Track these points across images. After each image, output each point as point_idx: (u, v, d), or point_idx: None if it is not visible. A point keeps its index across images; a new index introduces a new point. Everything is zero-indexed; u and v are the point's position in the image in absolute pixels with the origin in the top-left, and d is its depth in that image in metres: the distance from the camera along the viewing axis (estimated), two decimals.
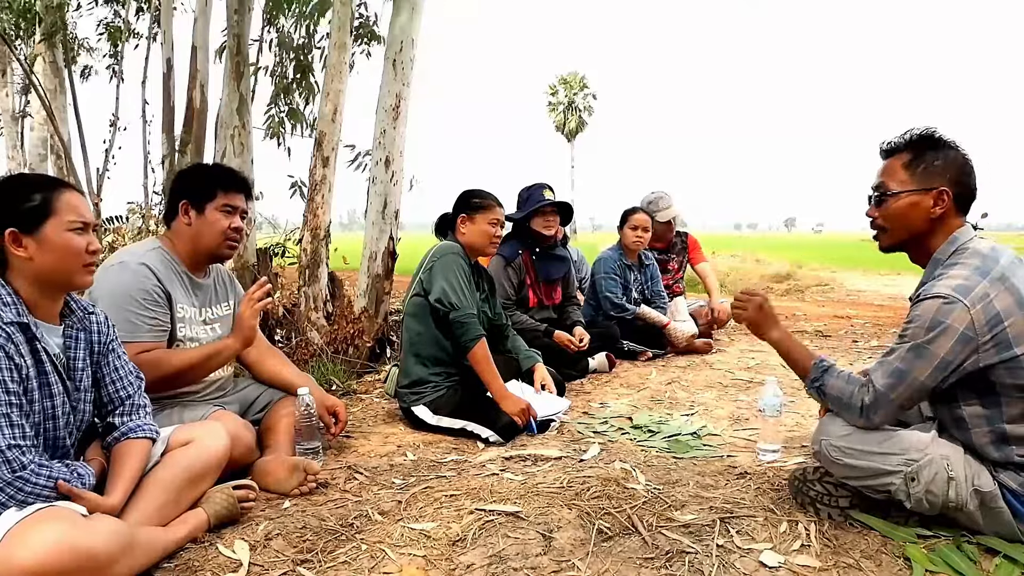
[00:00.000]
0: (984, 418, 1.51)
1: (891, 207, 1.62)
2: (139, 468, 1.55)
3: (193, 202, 2.01)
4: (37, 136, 7.83)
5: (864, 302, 7.83)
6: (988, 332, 1.44)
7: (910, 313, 1.54)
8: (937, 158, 1.58)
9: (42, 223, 1.42)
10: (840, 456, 1.59)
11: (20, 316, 1.39)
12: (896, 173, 1.62)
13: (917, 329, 1.49)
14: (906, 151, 1.62)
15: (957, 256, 1.55)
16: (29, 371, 1.38)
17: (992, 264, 1.49)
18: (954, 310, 1.44)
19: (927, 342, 1.47)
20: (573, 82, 44.41)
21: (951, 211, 1.57)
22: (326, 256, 4.05)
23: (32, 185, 1.46)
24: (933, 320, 1.46)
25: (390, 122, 3.88)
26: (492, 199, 2.74)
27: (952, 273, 1.50)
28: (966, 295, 1.44)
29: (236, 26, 4.29)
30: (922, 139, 1.61)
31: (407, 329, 2.67)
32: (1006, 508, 1.48)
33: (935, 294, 1.48)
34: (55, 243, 1.43)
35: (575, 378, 3.48)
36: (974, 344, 1.44)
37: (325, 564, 1.51)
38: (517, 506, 1.78)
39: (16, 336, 1.36)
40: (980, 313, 1.43)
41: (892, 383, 1.52)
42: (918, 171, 1.59)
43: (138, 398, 1.64)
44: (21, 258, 1.41)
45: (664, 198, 4.56)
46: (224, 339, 2.04)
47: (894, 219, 1.63)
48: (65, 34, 6.63)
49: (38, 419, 1.41)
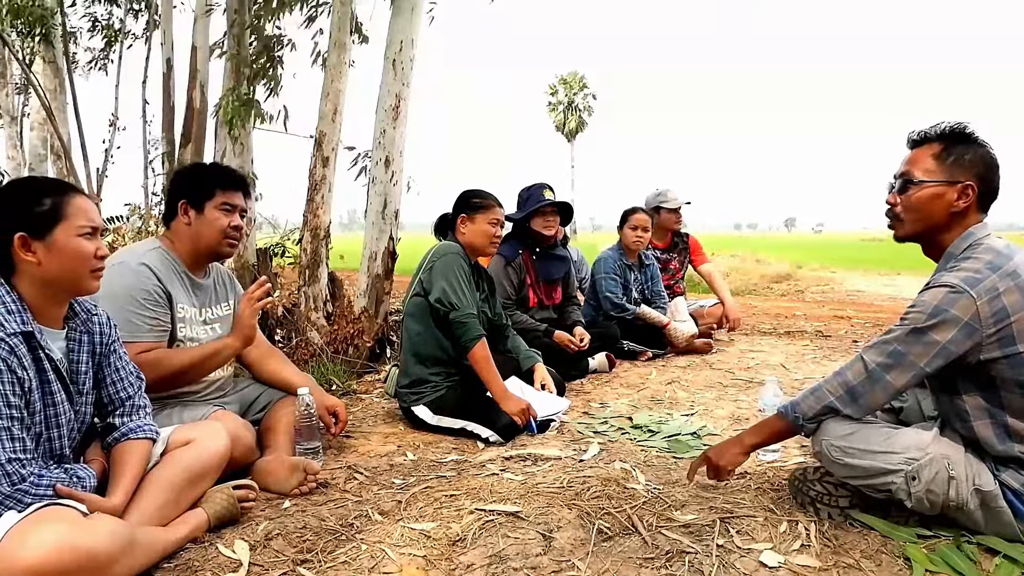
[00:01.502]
0: (985, 410, 1.51)
1: (913, 196, 1.60)
2: (140, 468, 1.55)
3: (192, 201, 2.01)
4: (37, 136, 7.83)
5: (864, 302, 7.83)
6: (993, 326, 1.43)
7: (915, 298, 1.54)
8: (967, 152, 1.56)
9: (52, 228, 1.41)
10: (841, 456, 1.59)
11: (25, 324, 1.38)
12: (923, 162, 1.60)
13: (919, 314, 1.49)
14: (937, 142, 1.60)
15: (971, 251, 1.54)
16: (32, 383, 1.37)
17: (1005, 260, 1.48)
18: (960, 300, 1.44)
19: (928, 327, 1.47)
20: (573, 82, 44.38)
21: (972, 207, 1.57)
22: (326, 256, 4.05)
23: (42, 189, 1.44)
24: (937, 307, 1.46)
25: (390, 122, 3.89)
26: (492, 199, 2.74)
27: (964, 265, 1.50)
28: (974, 286, 1.44)
29: (236, 26, 4.30)
30: (954, 133, 1.60)
31: (407, 329, 2.67)
32: (1007, 508, 1.48)
33: (943, 283, 1.48)
34: (65, 248, 1.42)
35: (575, 378, 3.48)
36: (978, 336, 1.44)
37: (325, 564, 1.51)
38: (517, 506, 1.78)
39: (19, 348, 1.35)
40: (986, 306, 1.43)
41: (889, 363, 1.52)
42: (947, 163, 1.57)
43: (138, 399, 1.64)
44: (29, 263, 1.40)
45: (672, 190, 4.62)
46: (224, 338, 2.04)
47: (915, 209, 1.61)
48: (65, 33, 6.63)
49: (40, 428, 1.41)
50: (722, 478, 1.80)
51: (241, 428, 1.96)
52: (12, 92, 8.15)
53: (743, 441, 1.75)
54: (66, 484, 1.38)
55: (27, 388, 1.36)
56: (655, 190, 4.66)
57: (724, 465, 1.76)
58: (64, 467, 1.43)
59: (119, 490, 1.48)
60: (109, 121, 6.22)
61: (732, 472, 1.78)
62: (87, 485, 1.43)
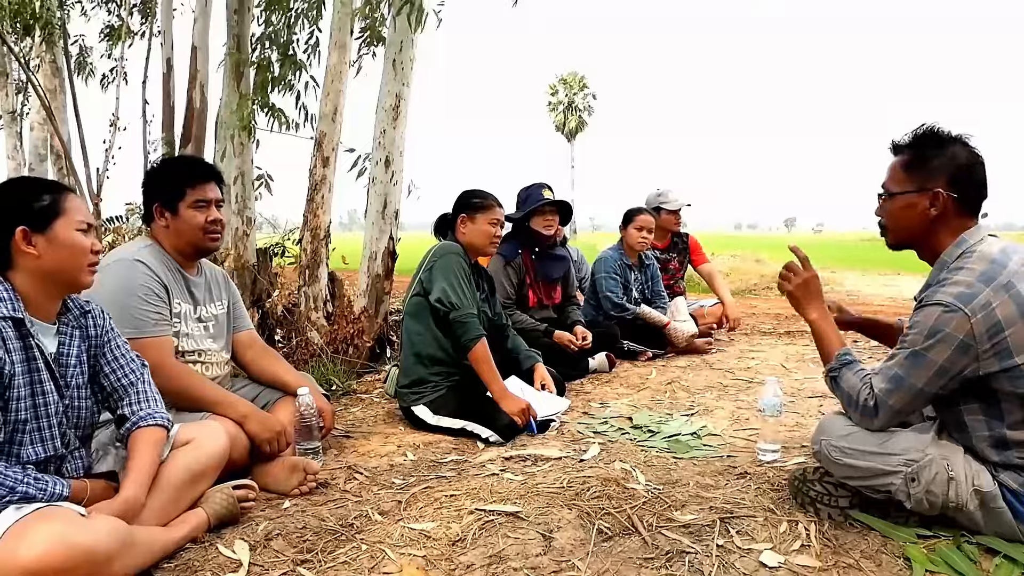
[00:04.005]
0: (984, 423, 1.50)
1: (889, 208, 1.63)
2: (151, 457, 1.54)
3: (164, 203, 2.01)
4: (37, 136, 7.82)
5: (864, 302, 7.82)
6: (988, 341, 1.43)
7: (911, 319, 1.54)
8: (936, 158, 1.55)
9: (52, 222, 1.45)
10: (840, 456, 1.59)
11: (15, 312, 1.40)
12: (895, 173, 1.62)
13: (916, 336, 1.49)
14: (907, 150, 1.60)
15: (964, 260, 1.52)
16: (15, 367, 1.37)
17: (999, 270, 1.46)
18: (954, 319, 1.43)
19: (925, 349, 1.47)
20: (573, 82, 44.39)
21: (951, 212, 1.55)
22: (326, 256, 4.05)
23: (40, 186, 1.50)
24: (932, 328, 1.46)
25: (390, 122, 3.89)
26: (492, 199, 2.75)
27: (956, 279, 1.48)
28: (967, 303, 1.43)
29: (236, 26, 4.29)
30: (924, 137, 1.58)
31: (407, 329, 2.67)
32: (1006, 508, 1.48)
33: (936, 301, 1.47)
34: (64, 242, 1.46)
35: (575, 378, 3.48)
36: (973, 352, 1.43)
37: (325, 564, 1.51)
38: (517, 506, 1.78)
39: (6, 331, 1.37)
40: (980, 322, 1.42)
41: (890, 388, 1.53)
42: (913, 172, 1.58)
43: (142, 384, 1.64)
44: (29, 256, 1.43)
45: (673, 191, 4.63)
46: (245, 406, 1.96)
47: (894, 220, 1.64)
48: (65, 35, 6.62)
49: (26, 415, 1.40)
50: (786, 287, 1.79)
51: (240, 428, 1.96)
52: (12, 92, 8.14)
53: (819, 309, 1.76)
54: (31, 493, 1.33)
55: (10, 372, 1.36)
56: (656, 190, 4.67)
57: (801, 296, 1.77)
58: (36, 475, 1.37)
59: (129, 483, 1.48)
60: (110, 121, 6.20)
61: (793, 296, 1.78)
62: (49, 496, 1.35)
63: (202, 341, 2.08)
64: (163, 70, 5.23)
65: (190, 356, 2.04)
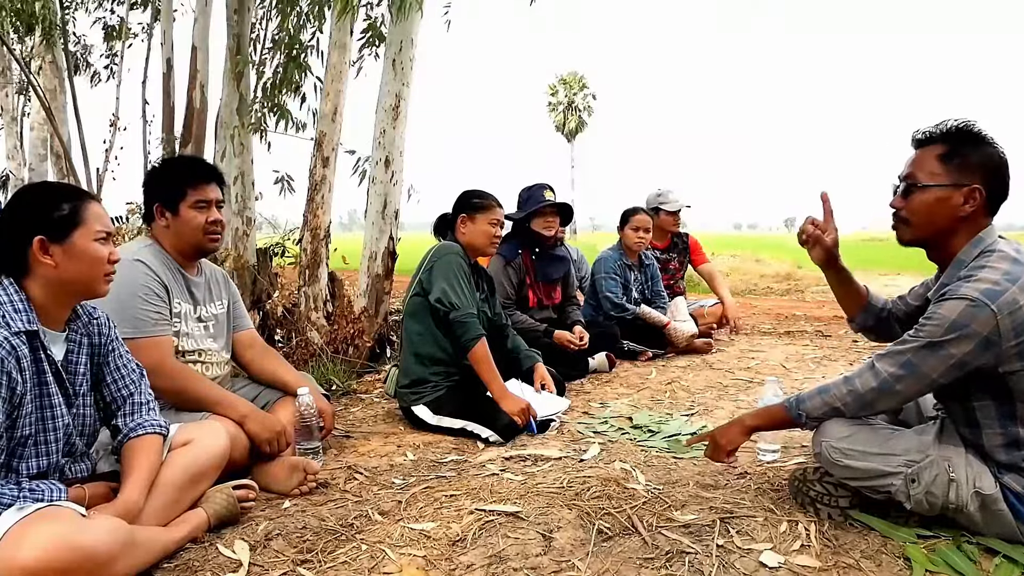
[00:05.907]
0: (996, 421, 1.49)
1: (917, 200, 1.54)
2: (149, 462, 1.54)
3: (165, 204, 2.00)
4: (37, 136, 7.82)
5: None
6: (1013, 339, 1.39)
7: (930, 309, 1.48)
8: (974, 154, 1.50)
9: (71, 232, 1.44)
10: (841, 457, 1.58)
11: (30, 324, 1.39)
12: (928, 164, 1.53)
13: (935, 328, 1.44)
14: (941, 143, 1.53)
15: (983, 258, 1.48)
16: (27, 385, 1.37)
17: (1021, 270, 1.43)
18: (980, 315, 1.39)
19: (945, 342, 1.42)
20: (573, 82, 44.37)
21: (980, 211, 1.51)
22: (326, 256, 4.05)
23: (60, 194, 1.48)
24: (956, 322, 1.41)
25: (390, 122, 3.89)
26: (492, 199, 2.75)
27: (981, 276, 1.43)
28: (995, 300, 1.39)
29: (236, 26, 4.29)
30: (960, 132, 1.52)
31: (407, 329, 2.67)
32: (1007, 510, 1.47)
33: (962, 295, 1.42)
34: (82, 252, 1.45)
35: (575, 378, 3.48)
36: (996, 350, 1.40)
37: (325, 564, 1.51)
38: (517, 506, 1.78)
39: (21, 348, 1.36)
40: (1007, 320, 1.38)
41: (901, 374, 1.49)
42: (952, 165, 1.50)
43: (139, 395, 1.64)
44: (46, 265, 1.42)
45: (673, 191, 4.64)
46: (245, 406, 1.96)
47: (920, 213, 1.55)
48: (65, 35, 6.62)
49: (30, 431, 1.40)
50: (720, 458, 1.80)
51: (240, 428, 1.96)
52: (12, 92, 8.15)
53: (744, 422, 1.77)
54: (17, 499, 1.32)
55: (21, 391, 1.35)
56: (656, 190, 4.67)
57: (725, 444, 1.77)
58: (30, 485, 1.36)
59: (129, 485, 1.48)
60: (110, 122, 6.21)
61: (732, 454, 1.79)
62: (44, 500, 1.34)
63: (202, 341, 2.08)
64: (163, 70, 5.23)
65: (190, 356, 2.04)
